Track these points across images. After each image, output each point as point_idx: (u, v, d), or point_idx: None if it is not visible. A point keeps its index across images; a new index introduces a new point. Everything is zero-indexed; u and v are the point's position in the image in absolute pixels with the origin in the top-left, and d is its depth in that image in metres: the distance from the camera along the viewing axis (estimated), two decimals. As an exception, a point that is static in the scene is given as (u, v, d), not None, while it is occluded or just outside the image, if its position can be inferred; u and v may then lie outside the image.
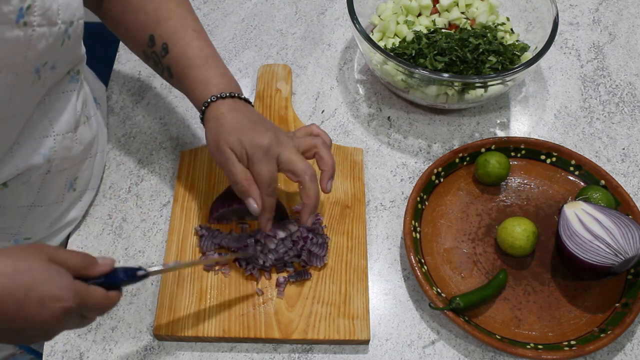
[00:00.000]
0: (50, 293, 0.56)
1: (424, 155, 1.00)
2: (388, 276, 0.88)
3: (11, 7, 0.60)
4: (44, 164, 0.76)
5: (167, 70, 0.83)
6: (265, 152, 0.74)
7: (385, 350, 0.81)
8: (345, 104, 1.07)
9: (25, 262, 0.57)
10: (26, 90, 0.68)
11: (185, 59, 0.81)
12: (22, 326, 0.57)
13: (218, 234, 0.86)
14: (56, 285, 0.57)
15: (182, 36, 0.81)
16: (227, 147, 0.76)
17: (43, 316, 0.57)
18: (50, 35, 0.66)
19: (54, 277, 0.57)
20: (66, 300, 0.57)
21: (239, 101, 0.79)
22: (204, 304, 0.81)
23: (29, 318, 0.57)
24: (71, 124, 0.79)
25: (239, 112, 0.78)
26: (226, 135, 0.76)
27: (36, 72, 0.68)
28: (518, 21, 1.10)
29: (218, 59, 0.83)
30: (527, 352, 0.77)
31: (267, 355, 0.80)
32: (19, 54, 0.63)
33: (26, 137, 0.72)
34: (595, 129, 1.05)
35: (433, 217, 0.91)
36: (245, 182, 0.75)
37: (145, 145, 1.00)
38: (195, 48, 0.81)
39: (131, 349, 0.80)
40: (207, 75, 0.80)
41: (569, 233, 0.83)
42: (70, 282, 0.59)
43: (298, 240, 0.83)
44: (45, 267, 0.57)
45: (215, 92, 0.79)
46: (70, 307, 0.58)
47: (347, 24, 1.18)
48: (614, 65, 1.14)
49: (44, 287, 0.56)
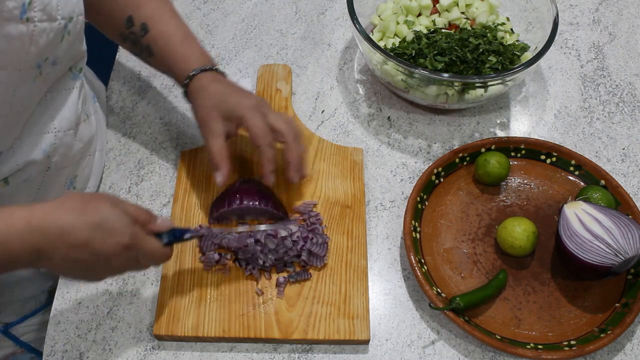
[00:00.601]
0: (112, 229, 0.65)
1: (424, 155, 1.00)
2: (388, 276, 0.88)
3: (15, 2, 0.61)
4: (44, 160, 0.76)
5: (146, 49, 0.87)
6: (254, 108, 0.80)
7: (385, 350, 0.81)
8: (345, 104, 1.07)
9: (93, 203, 0.66)
10: (28, 87, 0.69)
11: (165, 37, 0.85)
12: (90, 261, 0.65)
13: (218, 234, 0.86)
14: (118, 223, 0.66)
15: (161, 16, 0.86)
16: (214, 118, 0.81)
17: (106, 250, 0.65)
18: (51, 30, 0.67)
19: (116, 217, 0.66)
20: (124, 237, 0.66)
21: (218, 74, 0.85)
22: (204, 304, 0.81)
23: (95, 252, 0.65)
24: (72, 121, 0.80)
25: (221, 82, 0.84)
26: (214, 102, 0.82)
27: (38, 68, 0.69)
28: (518, 21, 1.10)
29: (194, 36, 0.88)
30: (527, 352, 0.77)
31: (267, 355, 0.80)
32: (22, 50, 0.65)
33: (27, 133, 0.73)
34: (595, 129, 1.05)
35: (433, 217, 0.91)
36: (218, 155, 0.81)
37: (145, 145, 1.00)
38: (174, 27, 0.86)
39: (131, 349, 0.80)
40: (187, 51, 0.85)
41: (569, 233, 0.83)
42: (129, 224, 0.67)
43: (298, 240, 0.83)
44: (110, 209, 0.66)
45: (196, 66, 0.84)
46: (127, 244, 0.66)
47: (347, 24, 1.18)
48: (614, 65, 1.14)
49: (107, 224, 0.65)
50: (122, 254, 0.67)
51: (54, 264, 0.65)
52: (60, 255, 0.64)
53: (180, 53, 0.85)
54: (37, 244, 0.63)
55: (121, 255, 0.67)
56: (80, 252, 0.64)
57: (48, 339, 0.81)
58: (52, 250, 0.63)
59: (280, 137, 0.81)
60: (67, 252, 0.64)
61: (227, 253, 0.85)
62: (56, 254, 0.64)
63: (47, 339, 0.81)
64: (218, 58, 1.12)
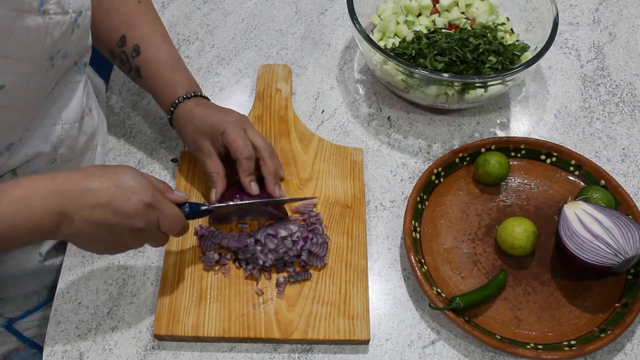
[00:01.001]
0: (134, 188, 0.68)
1: (424, 155, 1.00)
2: (388, 276, 0.88)
3: None
4: (51, 152, 0.79)
5: (135, 69, 0.89)
6: (234, 124, 0.84)
7: (385, 350, 0.81)
8: (345, 104, 1.07)
9: (112, 168, 0.69)
10: (41, 79, 0.71)
11: (156, 62, 0.89)
12: (112, 222, 0.67)
13: (218, 234, 0.86)
14: (139, 183, 0.68)
15: (153, 40, 0.89)
16: (202, 139, 0.85)
17: (128, 208, 0.67)
18: (64, 23, 0.70)
19: (137, 177, 0.69)
20: (146, 196, 0.68)
21: (201, 98, 0.89)
22: (204, 304, 0.81)
23: (117, 211, 0.67)
24: (78, 113, 0.82)
25: (203, 106, 0.87)
26: (198, 124, 0.85)
27: (50, 60, 0.71)
28: (518, 21, 1.10)
29: (182, 62, 0.92)
30: (527, 352, 0.77)
31: (267, 355, 0.80)
32: (38, 42, 0.67)
33: (36, 125, 0.76)
34: (595, 129, 1.05)
35: (433, 217, 0.91)
36: (215, 174, 0.85)
37: (145, 145, 1.00)
38: (165, 52, 0.90)
39: (131, 349, 0.80)
40: (175, 77, 0.89)
41: (569, 233, 0.83)
42: (150, 185, 0.70)
43: (298, 240, 0.83)
44: (130, 171, 0.69)
45: (182, 93, 0.88)
46: (149, 203, 0.68)
47: (347, 24, 1.18)
48: (614, 65, 1.14)
49: (129, 182, 0.68)
50: (144, 214, 0.68)
51: (76, 227, 0.66)
52: (82, 218, 0.65)
53: (168, 79, 0.88)
54: (60, 206, 0.64)
55: (143, 215, 0.68)
56: (102, 211, 0.66)
57: (48, 339, 0.81)
58: (74, 211, 0.65)
59: (257, 153, 0.85)
60: (90, 213, 0.66)
61: (227, 253, 0.85)
62: (78, 216, 0.65)
63: (47, 339, 0.81)
64: (218, 58, 1.12)
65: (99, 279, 0.86)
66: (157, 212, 0.70)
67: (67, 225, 0.66)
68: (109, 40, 0.89)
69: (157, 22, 0.92)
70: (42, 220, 0.64)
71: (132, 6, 0.89)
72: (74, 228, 0.66)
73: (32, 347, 1.00)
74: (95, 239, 0.69)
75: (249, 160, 0.84)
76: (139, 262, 0.87)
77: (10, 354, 1.00)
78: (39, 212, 0.64)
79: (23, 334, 0.97)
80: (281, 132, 0.99)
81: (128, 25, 0.88)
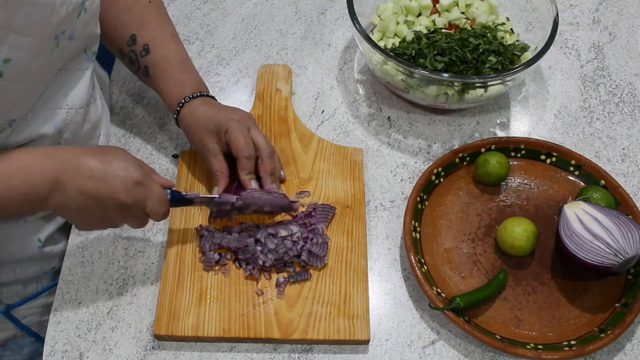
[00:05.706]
0: (126, 166, 0.73)
1: (424, 155, 1.00)
2: (388, 276, 0.88)
3: None
4: (55, 135, 0.80)
5: (144, 68, 0.91)
6: (238, 122, 0.86)
7: (385, 350, 0.81)
8: (345, 104, 1.07)
9: (109, 147, 0.75)
10: (45, 57, 0.72)
11: (164, 61, 0.90)
12: (103, 194, 0.71)
13: (218, 234, 0.86)
14: (130, 163, 0.74)
15: (162, 40, 0.90)
16: (208, 137, 0.86)
17: (119, 183, 0.72)
18: (70, 3, 0.71)
19: (129, 157, 0.74)
20: (136, 173, 0.73)
21: (208, 98, 0.90)
22: (204, 304, 0.81)
23: (108, 185, 0.71)
24: (84, 100, 0.83)
25: (209, 104, 0.89)
26: (204, 122, 0.86)
27: (55, 39, 0.72)
28: (518, 21, 1.10)
29: (191, 62, 0.93)
30: (527, 352, 0.77)
31: (267, 355, 0.80)
32: (44, 19, 0.68)
33: (42, 107, 0.77)
34: (595, 129, 1.05)
35: (433, 217, 0.91)
36: (219, 173, 0.87)
37: (145, 145, 1.00)
38: (174, 52, 0.91)
39: (131, 349, 0.80)
40: (183, 78, 0.90)
41: (569, 233, 0.83)
42: (140, 166, 0.75)
43: (298, 240, 0.83)
44: (122, 151, 0.75)
45: (189, 93, 0.89)
46: (138, 180, 0.73)
47: (347, 24, 1.18)
48: (614, 65, 1.14)
49: (121, 161, 0.73)
50: (133, 190, 0.73)
51: (68, 196, 0.70)
52: (76, 188, 0.70)
53: (176, 79, 0.90)
54: (57, 173, 0.69)
55: (132, 192, 0.73)
56: (95, 184, 0.70)
57: (48, 339, 0.81)
58: (69, 181, 0.70)
59: (257, 151, 0.86)
60: (84, 183, 0.70)
61: (227, 253, 0.85)
62: (72, 186, 0.70)
63: (47, 339, 0.81)
64: (218, 58, 1.12)
65: (99, 279, 0.86)
66: (145, 190, 0.74)
67: (60, 194, 0.70)
68: (119, 39, 0.90)
69: (168, 22, 0.93)
70: (38, 187, 0.69)
71: (143, 6, 0.90)
72: (67, 197, 0.70)
73: (30, 335, 1.00)
74: (85, 211, 0.72)
75: (249, 159, 0.85)
76: (139, 262, 0.87)
77: (7, 341, 1.00)
78: (36, 176, 0.68)
79: (21, 321, 0.97)
80: (281, 132, 0.99)
81: (138, 25, 0.89)
